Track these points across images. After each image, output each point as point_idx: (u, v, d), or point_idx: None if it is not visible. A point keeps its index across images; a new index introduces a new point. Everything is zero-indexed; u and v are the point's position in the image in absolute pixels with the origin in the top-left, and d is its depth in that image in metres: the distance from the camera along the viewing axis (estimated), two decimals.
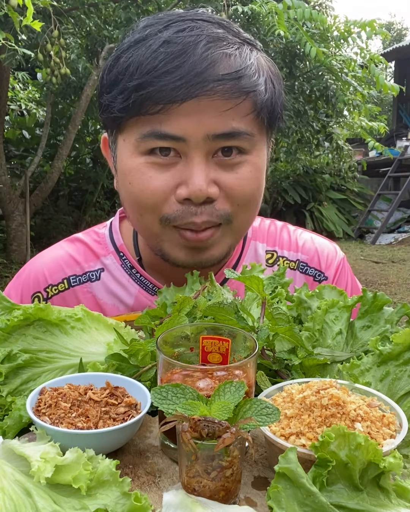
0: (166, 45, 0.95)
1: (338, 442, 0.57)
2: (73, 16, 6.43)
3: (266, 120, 1.04)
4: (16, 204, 7.39)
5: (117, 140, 1.07)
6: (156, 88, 0.94)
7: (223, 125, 0.98)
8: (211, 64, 0.94)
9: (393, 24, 38.39)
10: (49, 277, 1.23)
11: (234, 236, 1.10)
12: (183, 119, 0.96)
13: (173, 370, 0.71)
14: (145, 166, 1.01)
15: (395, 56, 14.57)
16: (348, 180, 11.48)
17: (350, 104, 7.06)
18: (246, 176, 1.03)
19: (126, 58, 0.98)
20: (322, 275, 1.32)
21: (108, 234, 1.28)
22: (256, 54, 1.03)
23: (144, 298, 1.21)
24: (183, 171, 1.00)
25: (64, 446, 0.63)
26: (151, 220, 1.05)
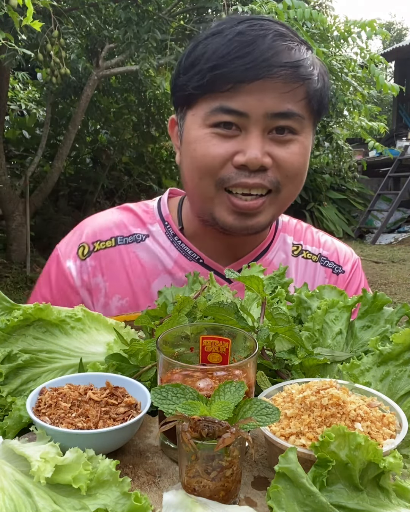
0: (240, 35, 1.12)
1: (338, 442, 0.57)
2: (73, 16, 6.43)
3: (316, 107, 1.19)
4: (16, 204, 7.38)
5: (186, 115, 1.22)
6: (229, 69, 1.10)
7: (281, 105, 1.13)
8: (275, 53, 1.11)
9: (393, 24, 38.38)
10: (99, 233, 1.36)
11: (278, 206, 1.23)
12: (248, 97, 1.11)
13: (173, 370, 0.71)
14: (210, 136, 1.16)
15: (395, 56, 14.56)
16: (348, 180, 11.47)
17: (350, 104, 7.05)
18: (295, 151, 1.18)
19: (204, 45, 1.16)
20: (340, 268, 1.46)
21: (157, 206, 1.42)
22: (311, 53, 1.20)
23: (183, 262, 1.32)
24: (242, 142, 1.14)
25: (64, 446, 0.63)
26: (208, 183, 1.17)
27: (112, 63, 7.15)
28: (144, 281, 1.32)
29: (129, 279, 1.32)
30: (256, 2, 5.43)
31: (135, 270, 1.33)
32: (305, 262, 1.43)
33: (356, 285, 1.47)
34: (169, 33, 6.19)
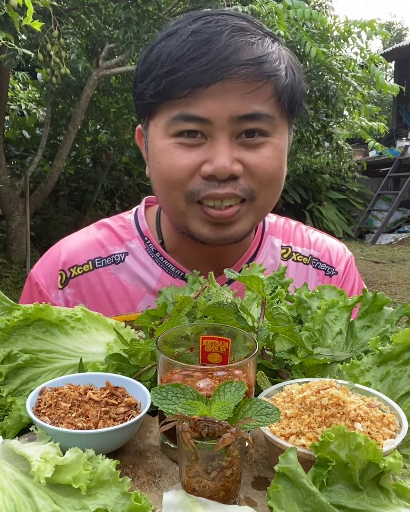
0: (194, 34, 1.04)
1: (338, 442, 0.57)
2: (73, 16, 6.43)
3: (286, 104, 1.11)
4: (16, 204, 7.39)
5: (149, 126, 1.14)
6: (184, 73, 1.02)
7: (246, 107, 1.04)
8: (234, 50, 1.02)
9: (393, 24, 38.38)
10: (75, 258, 1.28)
11: (257, 214, 1.16)
12: (209, 102, 1.03)
13: (173, 370, 0.71)
14: (173, 146, 1.08)
15: (395, 56, 14.56)
16: (348, 180, 11.48)
17: (350, 104, 7.06)
18: (268, 155, 1.09)
19: (158, 49, 1.08)
20: (332, 270, 1.39)
21: (134, 220, 1.33)
22: (278, 45, 1.11)
23: (167, 280, 1.25)
24: (209, 150, 1.07)
25: (64, 446, 0.63)
26: (177, 196, 1.11)
27: (112, 63, 7.15)
28: (128, 304, 1.25)
29: (113, 304, 1.25)
30: (256, 2, 5.43)
31: (117, 294, 1.26)
32: (295, 265, 1.36)
33: (350, 284, 1.41)
34: None
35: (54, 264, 1.28)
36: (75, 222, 9.49)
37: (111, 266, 1.27)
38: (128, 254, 1.28)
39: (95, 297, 1.26)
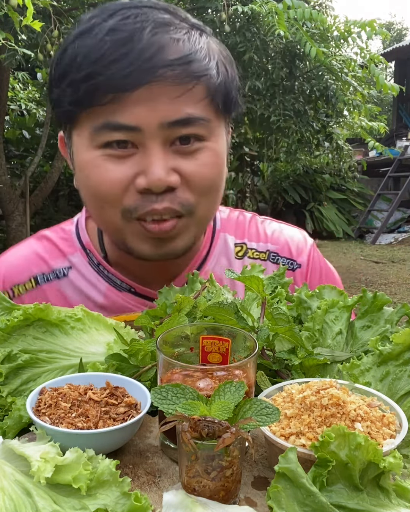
0: (112, 33, 0.94)
1: (338, 442, 0.57)
2: (73, 16, 6.42)
3: (221, 104, 1.02)
4: (16, 204, 7.39)
5: (72, 136, 1.04)
6: (105, 77, 0.92)
7: (177, 112, 0.96)
8: (159, 49, 0.93)
9: (393, 24, 38.39)
10: (15, 276, 1.20)
11: (198, 226, 1.09)
12: (136, 108, 0.94)
13: (173, 370, 0.71)
14: (101, 159, 0.99)
15: (395, 56, 14.57)
16: (348, 180, 11.48)
17: (350, 104, 7.06)
18: (205, 161, 1.01)
19: (73, 49, 0.96)
20: (294, 263, 1.30)
21: (75, 231, 1.26)
22: (206, 38, 1.01)
23: (114, 294, 1.19)
24: (141, 161, 0.97)
25: (64, 446, 0.63)
26: (112, 213, 1.02)
27: None
28: None
29: None
30: (256, 2, 5.43)
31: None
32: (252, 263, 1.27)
33: (317, 274, 1.31)
34: None
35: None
36: None
37: (55, 282, 1.20)
38: (71, 268, 1.21)
39: None
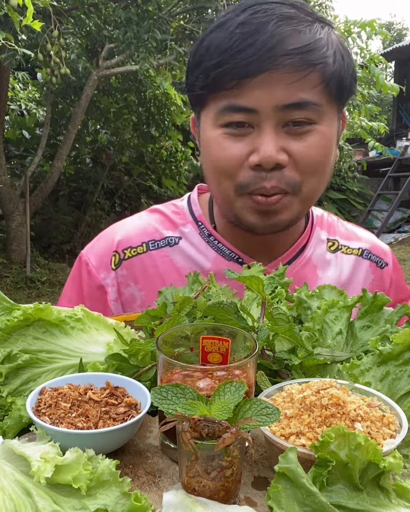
0: (241, 26, 1.05)
1: (338, 442, 0.57)
2: (73, 16, 6.43)
3: (335, 91, 1.10)
4: (16, 204, 7.39)
5: (200, 116, 1.18)
6: (231, 65, 1.04)
7: (291, 96, 1.05)
8: (280, 40, 1.02)
9: (393, 24, 38.39)
10: (129, 240, 1.29)
11: (302, 204, 1.16)
12: (255, 92, 1.05)
13: (173, 370, 0.71)
14: (222, 137, 1.11)
15: (395, 56, 14.56)
16: (348, 180, 11.48)
17: (350, 104, 7.05)
18: (314, 143, 1.09)
19: (208, 41, 1.09)
20: (383, 261, 1.40)
21: (187, 206, 1.35)
22: (328, 30, 1.10)
23: (221, 263, 1.27)
24: (255, 140, 1.08)
25: (64, 446, 0.63)
26: (227, 186, 1.13)
27: (112, 63, 7.16)
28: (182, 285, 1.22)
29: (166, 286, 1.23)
30: None
31: (170, 276, 1.26)
32: (345, 257, 1.37)
33: (399, 275, 1.42)
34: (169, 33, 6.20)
35: (108, 246, 1.29)
36: (75, 222, 9.50)
37: (165, 249, 1.29)
38: (182, 238, 1.30)
39: (149, 279, 1.27)
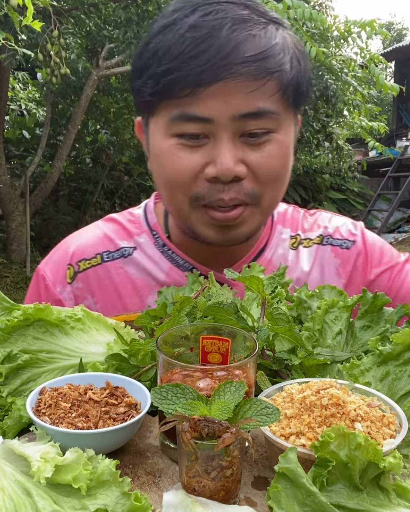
0: (192, 29, 0.98)
1: (338, 442, 0.57)
2: (73, 16, 6.43)
3: (292, 98, 1.06)
4: (16, 204, 7.39)
5: (149, 123, 1.11)
6: (183, 73, 0.98)
7: (249, 105, 1.00)
8: (235, 46, 0.97)
9: (393, 24, 38.39)
10: (83, 251, 1.26)
11: (262, 215, 1.13)
12: (210, 101, 0.99)
13: (173, 370, 0.71)
14: (175, 148, 1.05)
15: (395, 56, 14.56)
16: (348, 180, 11.48)
17: (350, 104, 7.07)
18: (273, 153, 1.05)
19: (155, 43, 1.02)
20: (347, 242, 1.33)
21: (143, 214, 1.32)
22: (282, 32, 1.05)
23: (176, 274, 1.24)
24: (212, 151, 1.03)
25: (64, 446, 0.63)
26: (182, 199, 1.08)
27: (112, 63, 7.15)
28: (136, 298, 1.23)
29: (121, 298, 1.23)
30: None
31: (126, 288, 1.24)
32: (308, 251, 1.31)
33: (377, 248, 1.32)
34: None
35: (62, 259, 1.27)
36: (75, 222, 9.49)
37: (120, 260, 1.26)
38: (136, 249, 1.27)
39: (104, 291, 1.25)
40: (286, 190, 1.17)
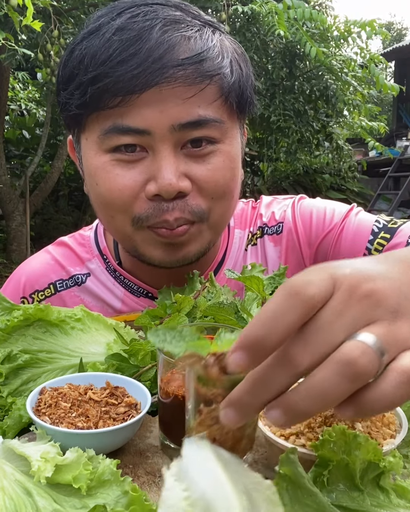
0: (120, 32, 0.89)
1: (338, 442, 0.57)
2: (73, 16, 6.43)
3: (235, 105, 0.98)
4: (16, 204, 7.39)
5: (80, 140, 1.01)
6: (113, 79, 0.88)
7: (188, 113, 0.91)
8: (168, 48, 0.88)
9: (393, 24, 38.40)
10: (35, 282, 1.19)
11: (212, 232, 1.04)
12: (146, 110, 0.90)
13: (173, 370, 0.71)
14: (110, 164, 0.95)
15: (395, 56, 14.55)
16: (348, 180, 11.48)
17: (350, 104, 7.07)
18: (218, 166, 0.96)
19: (80, 50, 0.93)
20: (279, 225, 1.21)
21: (93, 237, 1.24)
22: (219, 35, 0.97)
23: (131, 300, 1.18)
24: (151, 166, 0.94)
25: (64, 446, 0.63)
26: (123, 221, 0.99)
27: None
28: None
29: None
30: (256, 2, 5.44)
31: None
32: (254, 249, 1.22)
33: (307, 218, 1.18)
34: None
35: (16, 291, 1.20)
36: (75, 222, 9.50)
37: (74, 288, 1.20)
38: (89, 275, 1.20)
39: None
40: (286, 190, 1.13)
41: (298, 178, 11.33)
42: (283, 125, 6.97)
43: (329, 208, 1.20)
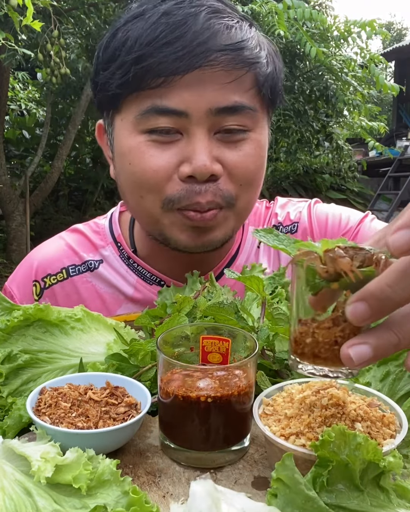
0: (166, 16, 0.93)
1: (338, 442, 0.57)
2: (73, 16, 6.43)
3: (268, 96, 1.02)
4: (16, 204, 7.39)
5: (114, 121, 1.03)
6: (157, 60, 0.91)
7: (226, 98, 0.95)
8: (212, 34, 0.92)
9: (393, 24, 38.40)
10: (48, 266, 1.21)
11: (237, 218, 1.07)
12: (185, 93, 0.93)
13: (173, 370, 0.71)
14: (145, 145, 0.97)
15: (395, 56, 14.55)
16: (348, 180, 11.48)
17: (350, 104, 7.06)
18: (249, 153, 1.00)
19: (124, 32, 0.95)
20: (294, 225, 1.25)
21: (108, 225, 1.26)
22: (255, 30, 1.02)
23: (143, 288, 1.20)
24: (186, 148, 0.96)
25: (64, 446, 0.63)
26: (152, 202, 1.00)
27: None
28: (105, 312, 1.17)
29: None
30: (256, 2, 5.44)
31: (94, 302, 1.19)
32: (267, 247, 1.24)
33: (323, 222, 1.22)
34: None
35: (28, 275, 1.22)
36: (75, 222, 9.47)
37: (87, 274, 1.21)
38: (102, 262, 1.22)
39: (72, 307, 1.21)
40: (286, 190, 1.14)
41: (298, 178, 11.32)
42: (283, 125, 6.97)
43: (344, 213, 1.26)
